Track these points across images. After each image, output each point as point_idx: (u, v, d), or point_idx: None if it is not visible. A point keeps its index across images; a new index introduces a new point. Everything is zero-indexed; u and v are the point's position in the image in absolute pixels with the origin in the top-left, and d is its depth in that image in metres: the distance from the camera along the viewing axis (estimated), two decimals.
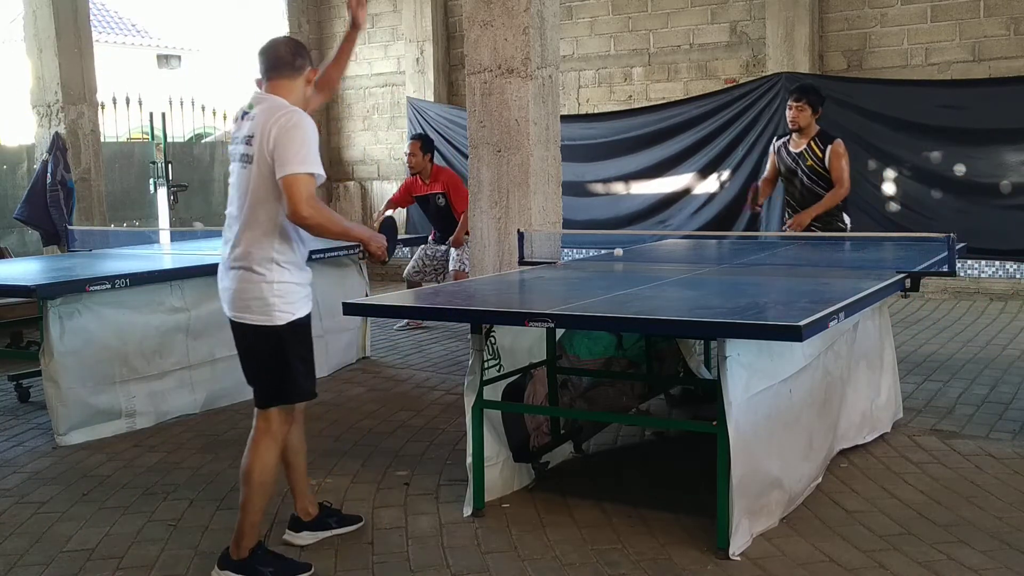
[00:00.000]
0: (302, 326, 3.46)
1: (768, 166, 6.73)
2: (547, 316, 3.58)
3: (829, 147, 6.23)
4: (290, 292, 3.39)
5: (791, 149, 6.40)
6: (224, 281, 3.46)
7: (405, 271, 8.52)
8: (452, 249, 8.21)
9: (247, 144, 3.35)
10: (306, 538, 3.75)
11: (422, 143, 8.26)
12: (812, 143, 6.29)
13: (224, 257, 3.46)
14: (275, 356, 3.40)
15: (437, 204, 8.27)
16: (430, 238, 8.49)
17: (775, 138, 6.73)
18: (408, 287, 7.95)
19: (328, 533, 3.80)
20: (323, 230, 3.32)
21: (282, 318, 3.37)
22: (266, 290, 3.35)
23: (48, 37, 8.88)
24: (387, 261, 3.65)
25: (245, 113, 3.43)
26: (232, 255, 3.40)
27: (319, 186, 3.34)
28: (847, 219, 6.46)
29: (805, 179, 6.30)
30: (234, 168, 3.44)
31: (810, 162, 6.26)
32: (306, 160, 3.25)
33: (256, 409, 3.49)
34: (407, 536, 3.82)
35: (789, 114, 6.33)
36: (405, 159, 8.38)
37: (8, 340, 7.05)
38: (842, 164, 6.20)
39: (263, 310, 3.36)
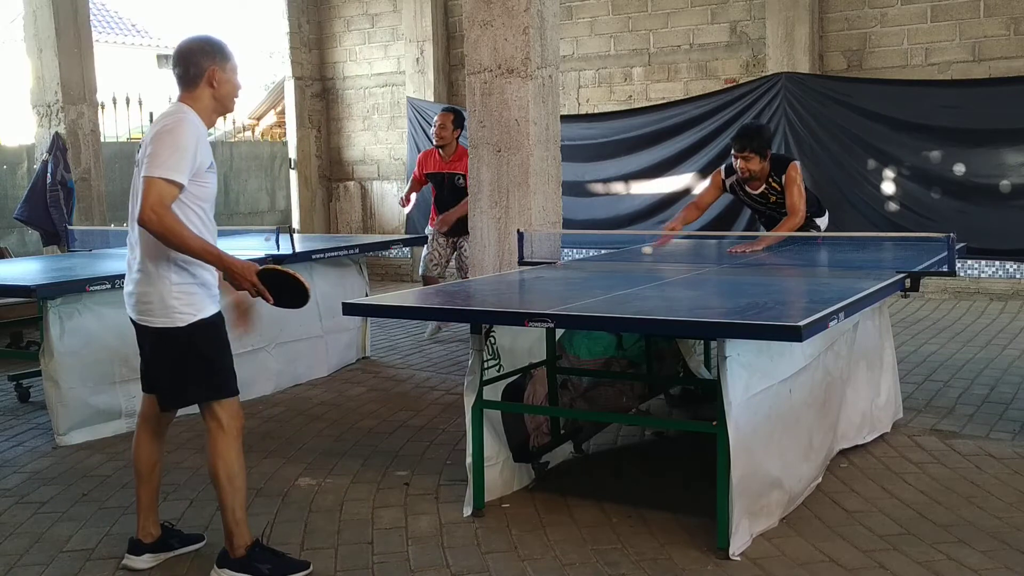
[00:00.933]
0: (209, 325, 3.44)
1: (707, 191, 6.21)
2: (547, 316, 3.58)
3: (783, 176, 5.83)
4: (190, 293, 3.39)
5: (750, 191, 6.00)
6: (128, 286, 3.49)
7: (420, 270, 8.14)
8: (461, 244, 7.77)
9: (141, 150, 3.41)
10: (147, 561, 3.60)
11: (454, 116, 7.92)
12: (770, 180, 5.89)
13: (128, 261, 3.50)
14: (183, 356, 3.40)
15: (456, 184, 7.89)
16: (429, 227, 8.12)
17: (724, 169, 6.06)
18: (425, 284, 7.66)
19: (170, 554, 3.66)
20: (166, 240, 3.24)
21: (183, 319, 3.38)
22: (166, 293, 3.37)
23: (48, 37, 8.89)
24: (270, 302, 3.41)
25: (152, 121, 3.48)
26: (135, 259, 3.43)
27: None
28: (819, 223, 6.16)
29: (775, 214, 6.01)
30: (135, 173, 3.48)
31: (774, 199, 5.94)
32: (166, 165, 3.24)
33: (201, 411, 3.47)
34: (407, 536, 3.82)
35: (737, 164, 5.85)
36: (433, 130, 8.16)
37: (8, 340, 7.05)
38: (795, 191, 5.77)
39: (164, 312, 3.38)
